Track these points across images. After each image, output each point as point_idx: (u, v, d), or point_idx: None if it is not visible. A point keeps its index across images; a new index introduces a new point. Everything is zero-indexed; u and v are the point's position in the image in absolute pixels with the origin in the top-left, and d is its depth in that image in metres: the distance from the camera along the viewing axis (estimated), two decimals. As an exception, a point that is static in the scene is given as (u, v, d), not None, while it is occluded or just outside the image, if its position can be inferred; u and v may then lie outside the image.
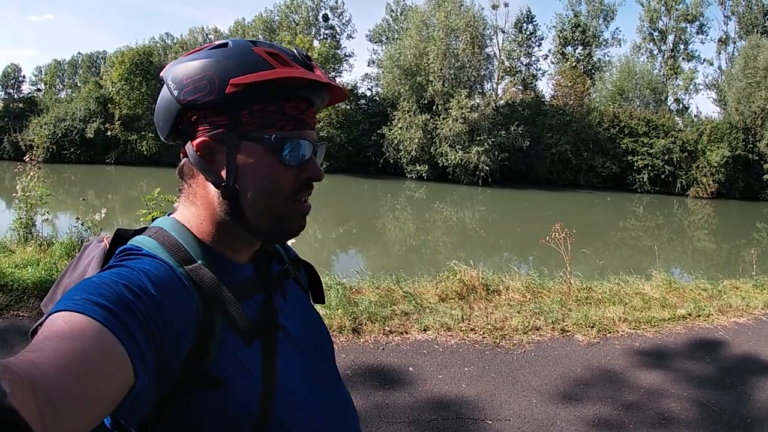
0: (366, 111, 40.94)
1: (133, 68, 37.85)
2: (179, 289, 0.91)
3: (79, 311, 0.74)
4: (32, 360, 0.63)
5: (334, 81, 1.01)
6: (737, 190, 36.31)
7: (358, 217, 24.40)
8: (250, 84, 0.93)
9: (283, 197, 0.99)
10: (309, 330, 1.14)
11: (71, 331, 0.70)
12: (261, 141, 0.96)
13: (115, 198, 25.69)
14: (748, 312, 6.70)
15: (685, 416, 4.18)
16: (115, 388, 0.72)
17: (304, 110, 1.00)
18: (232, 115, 0.96)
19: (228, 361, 0.92)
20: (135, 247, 0.97)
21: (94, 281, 0.82)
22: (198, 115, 0.98)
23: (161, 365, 0.82)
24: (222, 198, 0.99)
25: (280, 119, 0.97)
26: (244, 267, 1.06)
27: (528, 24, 50.76)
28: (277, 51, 0.99)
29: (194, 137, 0.99)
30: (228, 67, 0.94)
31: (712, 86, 47.85)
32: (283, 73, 0.95)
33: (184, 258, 0.96)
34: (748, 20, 46.83)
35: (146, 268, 0.88)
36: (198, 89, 0.95)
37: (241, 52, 0.97)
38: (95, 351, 0.70)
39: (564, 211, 27.83)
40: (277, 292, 1.09)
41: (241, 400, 0.91)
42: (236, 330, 0.94)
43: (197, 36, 60.52)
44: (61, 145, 37.54)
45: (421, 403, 4.15)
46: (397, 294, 6.41)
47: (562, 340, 5.59)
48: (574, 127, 37.44)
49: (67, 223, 9.40)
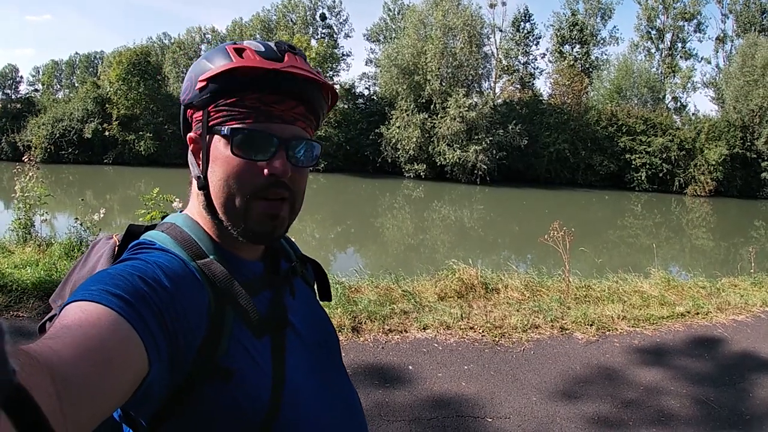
0: (364, 110, 40.92)
1: (130, 68, 37.69)
2: (192, 282, 0.92)
3: (95, 301, 0.75)
4: (51, 346, 0.64)
5: (298, 70, 0.97)
6: (735, 188, 36.42)
7: (356, 217, 24.38)
8: (211, 79, 0.96)
9: (242, 192, 0.99)
10: (316, 328, 1.15)
11: (88, 320, 0.72)
12: (219, 133, 0.99)
13: (113, 198, 25.59)
14: (746, 310, 6.73)
15: (684, 413, 4.19)
16: (130, 377, 0.73)
17: (272, 103, 0.98)
18: (204, 111, 1.00)
19: (239, 354, 0.93)
20: (148, 241, 0.99)
21: (109, 273, 0.84)
22: (190, 113, 1.04)
23: (174, 356, 0.83)
24: (198, 189, 1.03)
25: (243, 112, 0.98)
26: (253, 264, 1.08)
27: (525, 23, 50.76)
28: (246, 46, 0.99)
29: (189, 133, 1.05)
30: (201, 67, 0.99)
31: (710, 84, 47.99)
32: (235, 64, 0.95)
33: (196, 253, 0.98)
34: (745, 18, 46.96)
35: (160, 261, 0.90)
36: (186, 90, 1.03)
37: (215, 51, 1.01)
38: (112, 340, 0.71)
39: (562, 209, 27.88)
40: (285, 290, 1.10)
41: (252, 393, 0.92)
42: (247, 324, 0.96)
43: (195, 36, 60.60)
44: (59, 145, 37.24)
45: (421, 402, 4.16)
46: (396, 293, 6.41)
47: (561, 338, 5.60)
48: (572, 126, 37.49)
49: (65, 223, 9.35)
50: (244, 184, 0.98)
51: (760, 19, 46.58)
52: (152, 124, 37.43)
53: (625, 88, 42.94)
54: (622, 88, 42.95)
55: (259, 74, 0.96)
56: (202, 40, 60.57)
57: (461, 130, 35.10)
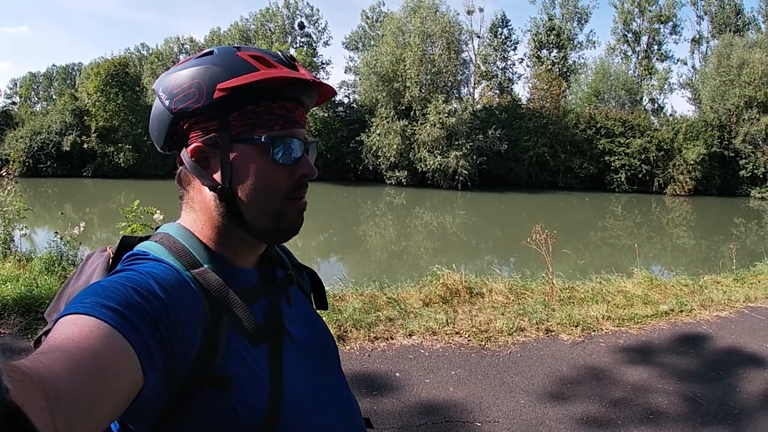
0: (344, 118, 40.95)
1: (108, 79, 37.23)
2: (186, 291, 0.92)
3: (88, 314, 0.75)
4: (43, 361, 0.63)
5: (318, 78, 1.03)
6: (714, 187, 37.02)
7: (338, 225, 24.32)
8: (236, 87, 0.95)
9: (279, 196, 1.02)
10: (313, 335, 1.15)
11: (81, 333, 0.71)
12: (252, 142, 0.98)
13: (93, 211, 25.26)
14: (729, 306, 6.78)
15: (672, 410, 4.20)
16: (125, 388, 0.73)
17: (292, 110, 1.02)
18: (222, 119, 0.98)
19: (236, 363, 0.93)
20: (142, 252, 0.99)
21: (102, 285, 0.83)
22: (190, 123, 1.00)
23: (170, 366, 0.82)
24: (219, 201, 1.01)
25: (270, 119, 0.99)
26: (249, 272, 1.08)
27: (503, 28, 51.09)
28: (261, 54, 1.01)
29: (188, 144, 1.01)
30: (214, 73, 0.97)
31: (687, 85, 48.74)
32: (268, 74, 0.96)
33: (190, 262, 0.98)
34: (720, 20, 47.77)
35: (153, 272, 0.90)
36: (188, 97, 0.97)
37: (226, 58, 0.99)
38: (104, 352, 0.71)
39: (543, 212, 28.06)
40: (281, 297, 1.11)
41: (249, 402, 0.92)
42: (243, 332, 0.96)
43: (173, 46, 60.42)
44: (37, 158, 36.74)
45: (409, 408, 4.12)
46: (381, 300, 6.37)
47: (547, 340, 5.60)
48: (551, 130, 37.83)
49: (45, 237, 9.23)
50: (282, 188, 1.02)
51: (735, 20, 47.39)
52: (131, 136, 36.96)
53: (603, 91, 43.43)
54: (600, 91, 43.44)
55: (284, 83, 0.99)
56: (181, 50, 60.38)
57: (441, 136, 35.29)
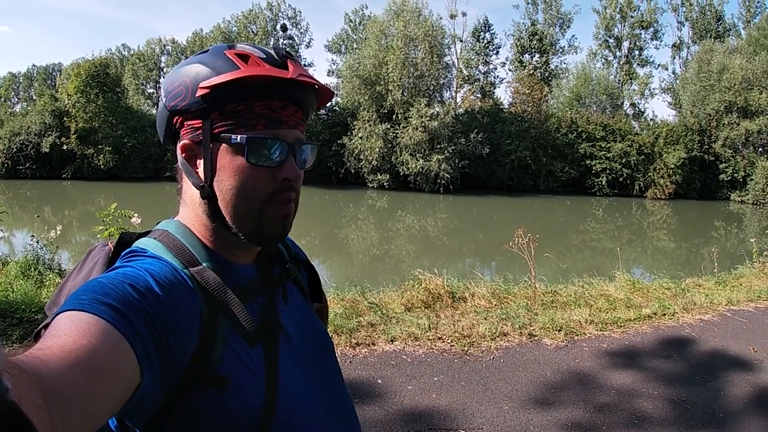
0: (326, 121, 40.70)
1: (89, 80, 36.71)
2: (184, 289, 0.92)
3: (86, 310, 0.75)
4: (40, 357, 0.63)
5: (307, 78, 1.00)
6: (694, 191, 37.49)
7: (320, 228, 24.14)
8: (217, 86, 0.94)
9: (257, 199, 0.99)
10: (309, 334, 1.15)
11: (78, 330, 0.71)
12: (229, 141, 0.97)
13: (72, 214, 24.90)
14: (712, 309, 6.80)
15: (657, 414, 4.16)
16: (122, 385, 0.73)
17: (278, 108, 0.99)
18: (204, 118, 0.98)
19: (232, 362, 0.93)
20: (140, 249, 1.00)
21: (100, 281, 0.83)
22: (181, 120, 1.01)
23: (167, 364, 0.82)
24: (202, 198, 1.01)
25: (251, 119, 0.97)
26: (246, 268, 1.08)
27: (485, 33, 51.45)
28: (248, 52, 0.99)
29: (179, 140, 1.02)
30: (200, 72, 0.97)
31: (667, 90, 49.40)
32: (245, 72, 0.94)
33: (188, 260, 0.98)
34: (701, 25, 48.45)
35: (151, 269, 0.90)
36: (177, 95, 0.98)
37: (213, 56, 0.99)
38: (102, 349, 0.71)
39: (525, 215, 28.20)
40: (278, 294, 1.10)
41: (245, 401, 0.92)
42: (240, 332, 0.96)
43: (155, 47, 59.93)
44: (16, 160, 36.13)
45: (392, 416, 4.04)
46: (363, 305, 6.29)
47: (530, 344, 5.55)
48: (533, 134, 38.04)
49: (24, 240, 9.05)
50: (259, 191, 0.99)
51: (715, 26, 48.08)
52: (111, 138, 36.53)
53: (584, 95, 43.80)
54: (581, 96, 43.80)
55: (269, 82, 0.97)
56: (162, 51, 59.93)
57: (424, 140, 35.30)
